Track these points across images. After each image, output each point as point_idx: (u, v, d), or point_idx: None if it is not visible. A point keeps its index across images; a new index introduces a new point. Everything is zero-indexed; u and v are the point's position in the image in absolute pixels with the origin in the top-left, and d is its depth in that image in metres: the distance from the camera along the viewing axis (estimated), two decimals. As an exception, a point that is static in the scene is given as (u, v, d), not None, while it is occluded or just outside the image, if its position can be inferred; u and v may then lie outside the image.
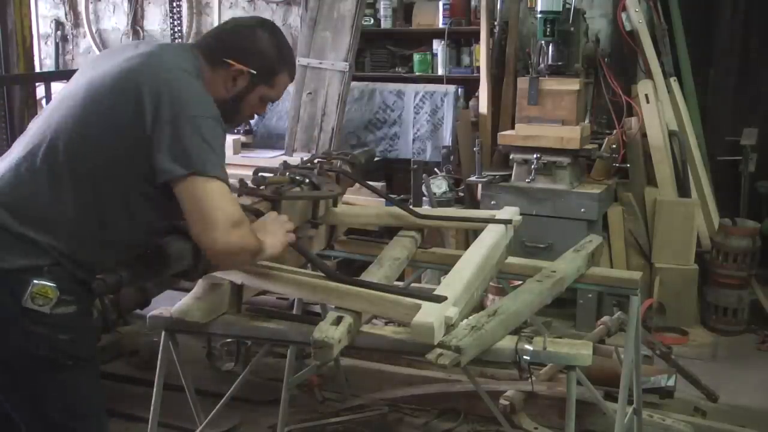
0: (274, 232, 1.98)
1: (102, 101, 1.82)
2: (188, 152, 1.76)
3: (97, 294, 1.78)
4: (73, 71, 2.15)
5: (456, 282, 2.04)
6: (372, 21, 5.73)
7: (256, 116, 2.18)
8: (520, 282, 2.41)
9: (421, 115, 5.36)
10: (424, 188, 4.66)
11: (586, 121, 4.62)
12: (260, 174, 2.24)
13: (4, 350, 1.79)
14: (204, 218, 1.75)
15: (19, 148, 1.87)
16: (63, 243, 1.78)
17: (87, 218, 1.81)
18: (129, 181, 1.83)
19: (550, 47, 4.39)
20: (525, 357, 1.85)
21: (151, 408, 2.26)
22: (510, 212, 2.70)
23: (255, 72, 1.95)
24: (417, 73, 5.71)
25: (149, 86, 1.79)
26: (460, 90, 5.35)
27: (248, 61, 1.95)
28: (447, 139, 5.23)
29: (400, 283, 2.86)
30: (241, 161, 4.96)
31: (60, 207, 1.79)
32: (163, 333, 2.16)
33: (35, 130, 1.88)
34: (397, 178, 5.30)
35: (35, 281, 1.73)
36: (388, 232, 2.81)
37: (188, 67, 1.89)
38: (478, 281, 2.15)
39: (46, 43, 6.85)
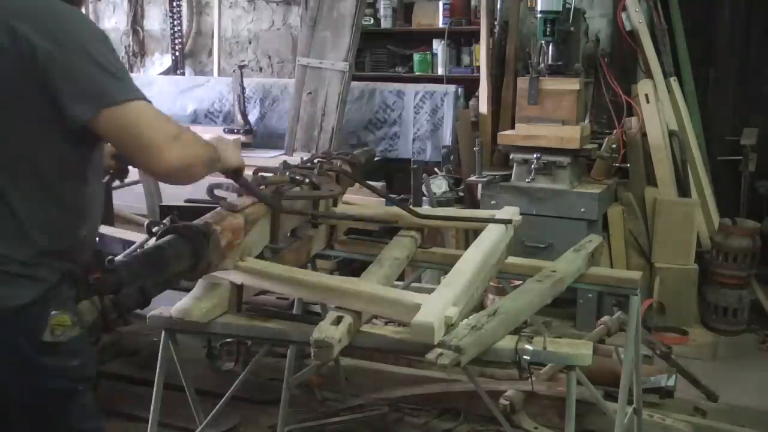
0: (230, 147, 1.91)
1: None
2: (89, 89, 1.56)
3: (97, 293, 1.76)
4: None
5: (456, 282, 2.04)
6: (372, 21, 5.74)
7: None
8: (520, 282, 2.41)
9: (421, 114, 5.36)
10: (424, 188, 4.66)
11: (586, 120, 4.62)
12: (260, 174, 2.24)
13: (14, 392, 1.66)
14: (139, 145, 1.61)
15: None
16: (47, 244, 1.62)
17: (36, 212, 1.62)
18: (43, 152, 1.62)
19: (550, 47, 4.39)
20: (525, 357, 1.85)
21: (151, 408, 2.25)
22: (510, 212, 2.70)
23: None
24: (417, 73, 5.72)
25: (21, 26, 1.54)
26: (460, 90, 5.35)
27: None
28: (447, 138, 5.23)
29: (400, 283, 2.86)
30: (241, 161, 4.94)
31: (10, 208, 1.61)
32: (163, 333, 2.16)
33: None
34: (397, 178, 5.30)
35: (54, 312, 1.58)
36: (389, 232, 2.80)
37: None
38: (478, 281, 2.15)
39: (46, 42, 6.84)
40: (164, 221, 1.94)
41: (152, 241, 1.91)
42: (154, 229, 1.92)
